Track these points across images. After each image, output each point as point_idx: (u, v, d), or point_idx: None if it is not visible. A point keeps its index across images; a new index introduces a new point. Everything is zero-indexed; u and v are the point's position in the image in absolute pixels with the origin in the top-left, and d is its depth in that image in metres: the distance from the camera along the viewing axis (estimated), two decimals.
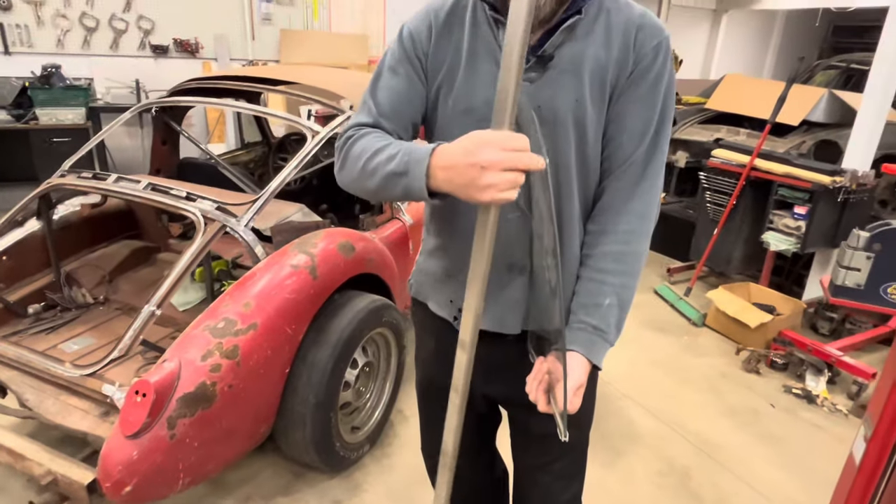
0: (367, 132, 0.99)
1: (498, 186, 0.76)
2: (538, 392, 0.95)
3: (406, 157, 0.87)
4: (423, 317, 1.26)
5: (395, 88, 1.03)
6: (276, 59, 5.34)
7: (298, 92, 2.59)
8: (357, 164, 0.95)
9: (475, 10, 1.00)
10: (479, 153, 0.76)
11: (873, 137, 3.28)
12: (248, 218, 1.94)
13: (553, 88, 0.95)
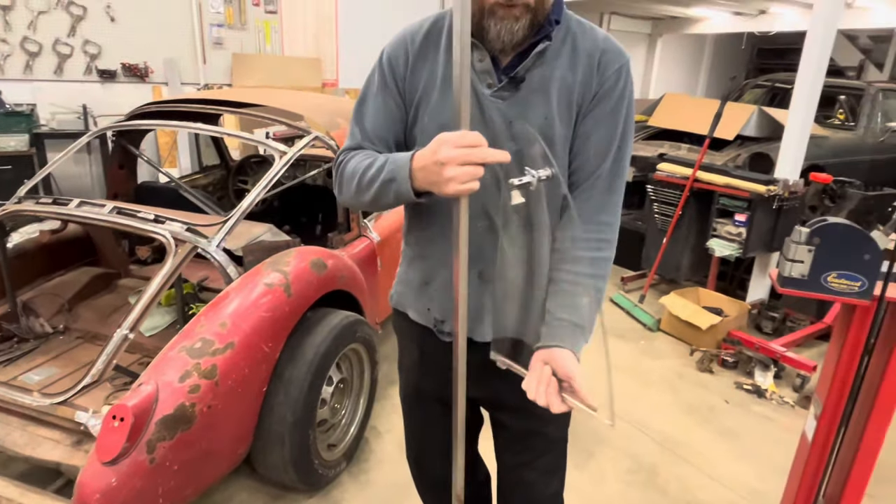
0: (355, 153, 1.09)
1: (458, 179, 0.86)
2: (549, 395, 0.96)
3: (392, 166, 0.98)
4: (404, 326, 1.30)
5: (377, 114, 1.11)
6: (228, 82, 5.31)
7: (261, 114, 2.61)
8: (353, 182, 1.05)
9: (449, 34, 1.08)
10: (439, 151, 0.87)
11: (800, 149, 3.57)
12: (219, 238, 1.94)
13: (523, 106, 1.03)
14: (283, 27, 5.53)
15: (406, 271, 1.26)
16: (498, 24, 0.97)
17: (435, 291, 1.18)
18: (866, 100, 5.19)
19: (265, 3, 5.38)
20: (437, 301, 1.19)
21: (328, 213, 3.49)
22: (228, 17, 5.19)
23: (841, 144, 4.90)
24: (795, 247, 1.25)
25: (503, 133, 1.03)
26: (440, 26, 1.10)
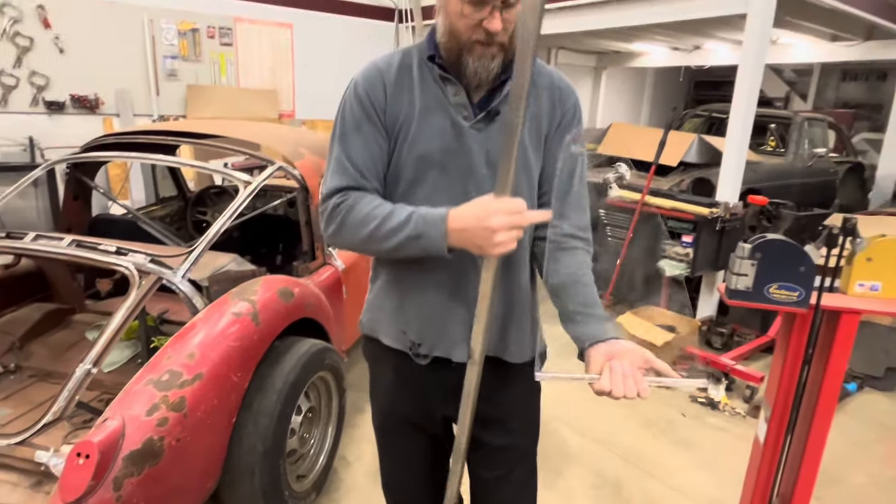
0: (359, 197, 1.10)
1: (506, 243, 0.95)
2: (639, 385, 0.97)
3: (421, 222, 1.03)
4: (377, 352, 1.31)
5: (365, 148, 1.13)
6: (182, 114, 5.26)
7: (220, 144, 2.62)
8: (362, 230, 1.08)
9: (422, 69, 1.14)
10: (489, 219, 0.95)
11: (738, 174, 3.82)
12: (184, 269, 1.92)
13: (499, 138, 1.09)
14: (238, 59, 5.54)
15: (377, 296, 1.28)
16: (475, 61, 1.06)
17: (411, 314, 1.20)
18: (794, 128, 5.61)
19: (220, 36, 5.39)
20: (414, 323, 1.21)
21: (288, 243, 3.49)
22: (183, 49, 5.17)
23: (774, 169, 5.25)
24: (740, 261, 1.36)
25: (480, 160, 1.11)
26: (409, 61, 1.15)
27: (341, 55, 6.20)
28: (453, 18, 1.05)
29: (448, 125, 1.11)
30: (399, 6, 6.52)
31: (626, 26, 4.68)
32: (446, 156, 1.11)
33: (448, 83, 1.11)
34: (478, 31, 1.03)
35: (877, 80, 9.26)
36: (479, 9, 1.01)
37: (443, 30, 1.09)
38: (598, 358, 1.02)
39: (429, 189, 1.13)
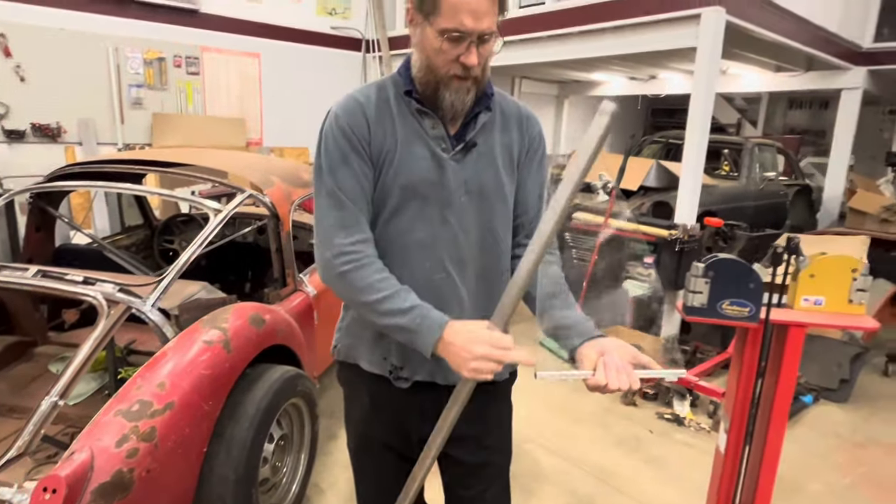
0: (369, 259, 1.13)
1: (481, 370, 1.02)
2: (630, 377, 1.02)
3: (421, 320, 1.08)
4: (354, 377, 1.32)
5: (356, 182, 1.15)
6: (147, 142, 5.21)
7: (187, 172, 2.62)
8: (362, 295, 1.11)
9: (399, 103, 1.18)
10: (474, 345, 1.02)
11: (694, 197, 4.00)
12: (154, 298, 1.92)
13: (476, 167, 1.19)
14: (205, 88, 5.55)
15: (354, 324, 1.29)
16: (452, 94, 1.11)
17: (394, 342, 1.21)
18: (745, 153, 5.90)
19: (187, 65, 5.40)
20: (396, 348, 1.22)
21: (257, 270, 3.47)
22: (148, 77, 5.16)
23: (728, 192, 5.50)
24: (695, 280, 1.45)
25: (459, 190, 1.17)
26: (386, 95, 1.19)
27: (309, 84, 6.27)
28: (430, 54, 1.10)
29: (428, 156, 1.16)
30: (366, 37, 6.65)
31: (586, 57, 4.89)
32: (427, 186, 1.15)
33: (425, 116, 1.17)
34: (455, 65, 1.08)
35: (820, 108, 9.83)
36: (457, 45, 1.06)
37: (419, 65, 1.14)
38: (590, 355, 1.06)
39: (410, 216, 1.17)
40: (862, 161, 8.41)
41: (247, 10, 5.74)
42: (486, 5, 1.05)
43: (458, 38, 1.06)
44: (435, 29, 1.07)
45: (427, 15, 1.08)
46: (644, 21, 4.15)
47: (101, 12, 4.86)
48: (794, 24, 4.54)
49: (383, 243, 1.19)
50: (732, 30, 3.94)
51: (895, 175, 6.75)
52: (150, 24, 5.13)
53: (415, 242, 1.17)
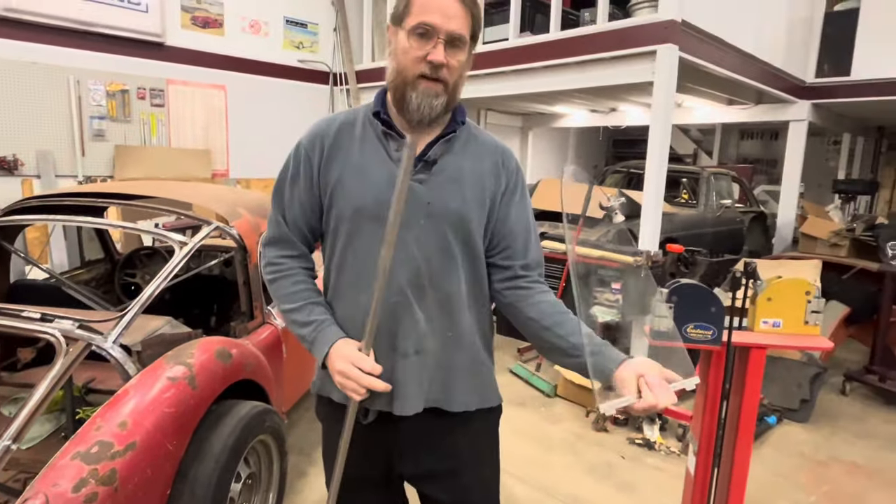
0: (290, 272, 1.27)
1: (345, 387, 1.13)
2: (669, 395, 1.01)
3: (316, 335, 1.19)
4: (328, 411, 1.32)
5: (293, 203, 1.23)
6: (109, 174, 5.10)
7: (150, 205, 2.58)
8: (280, 303, 1.26)
9: (365, 127, 1.21)
10: (338, 363, 1.13)
11: (656, 224, 4.13)
12: (116, 334, 1.86)
13: (441, 191, 1.18)
14: (170, 119, 5.49)
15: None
16: (419, 96, 1.11)
17: None
18: (702, 182, 6.13)
19: (152, 97, 5.35)
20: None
21: (223, 303, 3.40)
22: (111, 109, 5.08)
23: (688, 219, 5.69)
24: (658, 305, 1.49)
25: (420, 212, 1.16)
26: (353, 119, 1.22)
27: (276, 116, 6.28)
28: (400, 56, 1.12)
29: (386, 179, 1.15)
30: (333, 70, 6.73)
31: (549, 91, 5.05)
32: (381, 208, 1.13)
33: (390, 139, 1.18)
34: (422, 64, 1.09)
35: (770, 139, 10.32)
36: (425, 42, 1.08)
37: (389, 70, 1.16)
38: (630, 377, 1.03)
39: (367, 241, 1.17)
40: (811, 189, 8.84)
41: (213, 44, 5.75)
42: (456, 8, 1.09)
43: (425, 34, 1.08)
44: (405, 30, 1.11)
45: (400, 20, 1.12)
46: (604, 57, 4.33)
47: (62, 44, 4.79)
48: (742, 61, 4.80)
49: (341, 268, 1.22)
50: (686, 65, 4.15)
51: (842, 202, 7.12)
52: (115, 57, 5.08)
53: (371, 267, 1.14)
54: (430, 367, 1.21)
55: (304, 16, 6.47)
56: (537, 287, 1.24)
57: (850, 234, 4.81)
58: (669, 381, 1.04)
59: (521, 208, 1.27)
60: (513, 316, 1.26)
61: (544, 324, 1.18)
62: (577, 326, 1.16)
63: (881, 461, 3.14)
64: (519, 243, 1.25)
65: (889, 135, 8.91)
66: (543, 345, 1.21)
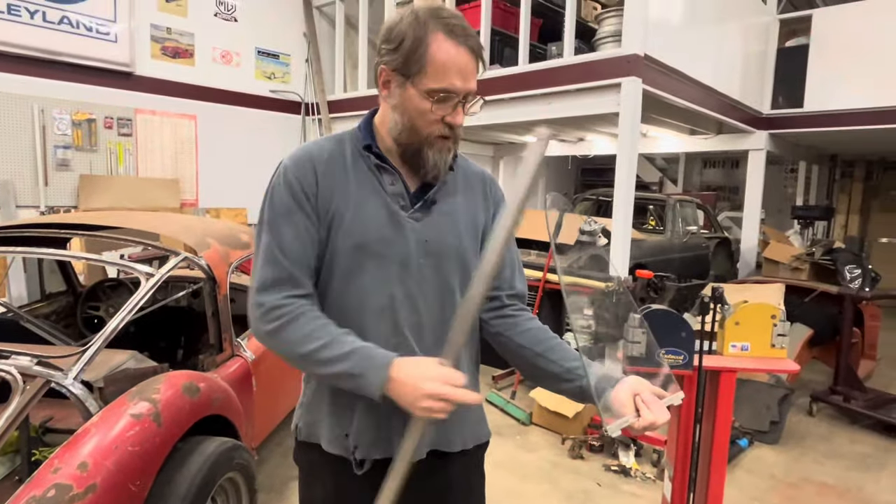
0: (303, 308, 1.06)
1: (432, 409, 0.96)
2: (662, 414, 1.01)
3: (363, 362, 1.01)
4: (314, 459, 1.21)
5: (295, 238, 1.09)
6: (73, 205, 4.98)
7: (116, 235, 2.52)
8: (301, 347, 1.04)
9: (355, 158, 1.13)
10: (427, 383, 0.96)
11: (626, 250, 4.21)
12: (77, 370, 1.79)
13: (437, 228, 1.15)
14: (137, 149, 5.41)
15: (315, 397, 1.20)
16: (436, 154, 1.10)
17: (354, 416, 1.14)
18: (668, 209, 6.30)
19: (119, 126, 5.27)
20: (357, 426, 1.14)
21: (190, 336, 3.32)
22: (77, 138, 4.98)
23: (656, 245, 5.81)
24: (632, 330, 1.51)
25: (418, 250, 1.12)
26: (342, 148, 1.15)
27: (247, 145, 6.25)
28: (414, 115, 1.08)
29: (385, 214, 1.11)
30: (305, 100, 6.76)
31: (518, 121, 5.16)
32: (383, 245, 1.10)
33: (384, 172, 1.13)
34: (439, 126, 1.08)
35: (731, 167, 10.70)
36: (444, 105, 1.06)
37: (400, 127, 1.10)
38: (627, 397, 1.03)
39: (366, 279, 1.11)
40: (771, 214, 9.17)
41: (184, 74, 5.72)
42: (473, 65, 1.07)
43: (446, 98, 1.05)
44: (420, 90, 1.05)
45: (411, 76, 1.06)
46: (571, 89, 4.46)
47: (26, 73, 4.70)
48: (702, 93, 5.00)
49: (337, 308, 1.12)
50: (649, 97, 4.30)
51: (801, 227, 7.38)
52: (82, 86, 5.01)
53: (371, 306, 1.11)
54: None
55: (276, 47, 6.52)
56: (524, 315, 1.22)
57: (809, 258, 4.98)
58: (660, 397, 1.04)
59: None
60: (501, 345, 1.22)
61: (537, 350, 1.16)
62: (568, 351, 1.15)
63: (850, 481, 3.20)
64: (506, 272, 1.23)
65: (841, 163, 9.34)
66: (536, 372, 1.18)
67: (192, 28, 5.75)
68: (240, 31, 6.16)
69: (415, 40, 1.05)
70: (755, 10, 6.00)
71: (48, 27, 4.76)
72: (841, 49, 5.89)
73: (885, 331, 5.28)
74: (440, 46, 1.04)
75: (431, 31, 1.04)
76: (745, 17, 5.84)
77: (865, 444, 3.68)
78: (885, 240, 9.16)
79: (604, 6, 5.69)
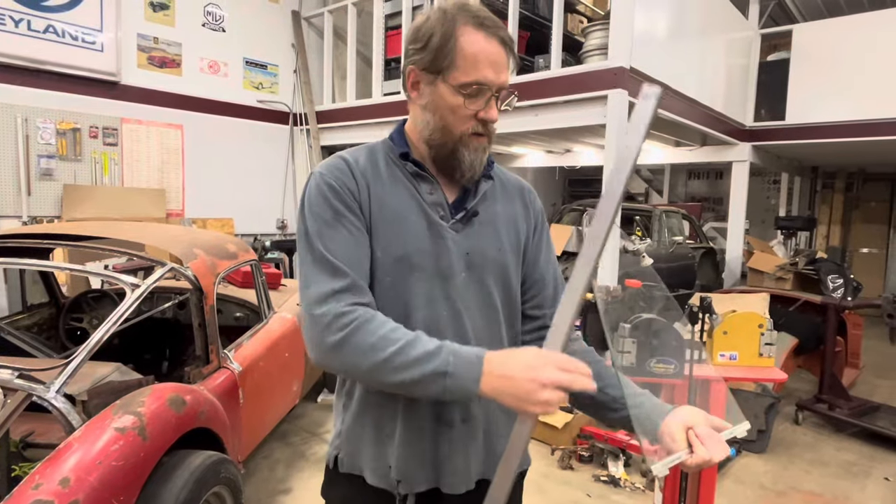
0: (371, 314, 0.95)
1: (550, 402, 0.83)
2: (722, 448, 0.90)
3: (451, 358, 0.89)
4: (351, 495, 1.10)
5: (349, 239, 1.00)
6: (57, 215, 4.91)
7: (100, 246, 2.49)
8: (374, 354, 0.91)
9: (391, 168, 1.07)
10: (541, 371, 0.83)
11: (615, 261, 4.24)
12: (60, 383, 1.75)
13: (478, 238, 1.08)
14: (123, 159, 5.36)
15: (354, 423, 1.09)
16: (471, 154, 1.03)
17: (395, 446, 1.05)
18: (654, 219, 6.36)
19: (104, 136, 5.22)
20: (397, 457, 1.05)
21: (176, 347, 3.27)
22: (61, 148, 4.92)
23: None
24: (622, 340, 1.52)
25: (460, 263, 1.05)
26: (375, 158, 1.08)
27: (235, 155, 6.22)
28: (445, 113, 1.02)
29: (424, 225, 1.04)
30: (293, 110, 6.75)
31: (506, 133, 5.19)
32: (424, 258, 1.03)
33: (422, 181, 1.07)
34: (472, 122, 1.01)
35: (716, 178, 10.85)
36: (477, 100, 1.00)
37: (432, 127, 1.04)
38: (678, 431, 0.93)
39: (409, 295, 1.03)
40: (755, 225, 9.29)
41: (171, 83, 5.69)
42: (504, 57, 1.01)
43: (478, 91, 0.99)
44: (451, 84, 0.99)
45: (441, 71, 1.00)
46: (558, 101, 4.50)
47: (10, 82, 4.65)
48: (687, 105, 5.08)
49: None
50: None
51: (784, 237, 7.49)
52: (67, 95, 4.96)
53: (415, 323, 1.02)
54: (476, 436, 1.07)
55: (264, 57, 6.51)
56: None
57: (793, 267, 5.05)
58: (718, 429, 0.94)
59: (549, 252, 1.19)
60: None
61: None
62: (614, 377, 1.05)
63: (836, 489, 3.22)
64: (549, 290, 1.16)
65: (823, 175, 9.52)
66: (581, 399, 1.06)
67: (180, 38, 5.73)
68: (228, 42, 6.15)
69: (443, 35, 0.99)
70: (737, 25, 6.12)
71: (33, 36, 4.72)
72: (821, 63, 6.02)
73: (867, 339, 5.37)
74: (469, 38, 0.99)
75: (460, 25, 0.99)
76: (728, 32, 5.95)
77: (851, 451, 3.72)
78: (866, 250, 9.33)
79: (590, 20, 5.78)
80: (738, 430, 0.94)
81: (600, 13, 5.85)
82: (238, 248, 2.89)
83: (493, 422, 1.09)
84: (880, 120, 5.64)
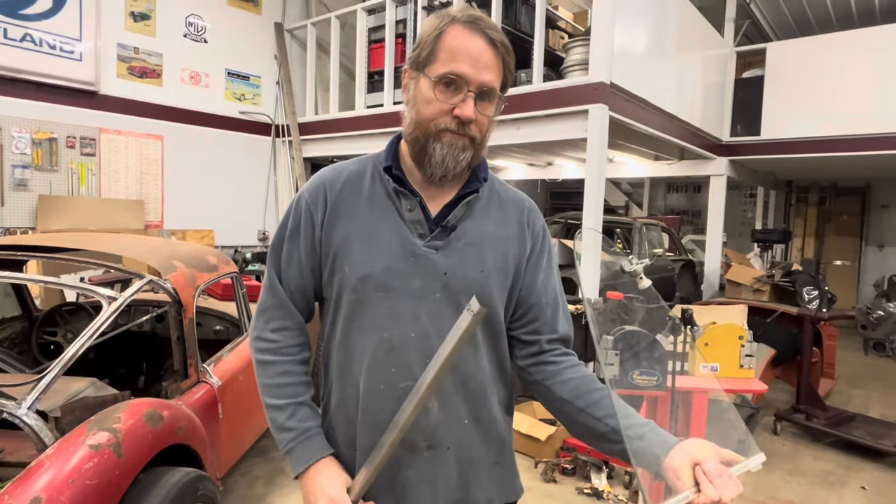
0: (276, 356, 1.07)
1: None
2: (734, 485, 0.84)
3: (293, 445, 1.03)
4: None
5: (291, 263, 1.07)
6: (31, 226, 4.80)
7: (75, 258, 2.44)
8: (263, 390, 1.07)
9: (374, 181, 1.06)
10: (317, 498, 0.98)
11: (596, 273, 4.27)
12: (32, 399, 1.70)
13: (460, 259, 1.02)
14: (101, 169, 5.27)
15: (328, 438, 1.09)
16: (444, 148, 0.98)
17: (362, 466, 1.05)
18: (634, 231, 6.44)
19: (82, 146, 5.13)
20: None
21: (153, 362, 3.20)
22: (36, 158, 4.83)
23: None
24: (606, 352, 1.53)
25: (435, 283, 1.01)
26: (362, 171, 1.08)
27: (216, 166, 6.16)
28: (422, 106, 0.99)
29: (397, 243, 1.01)
30: (275, 122, 6.72)
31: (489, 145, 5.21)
32: (393, 277, 1.01)
33: (403, 197, 1.03)
34: (447, 118, 0.97)
35: (694, 192, 11.04)
36: (453, 94, 0.96)
37: (408, 121, 1.03)
38: (683, 467, 0.87)
39: (375, 313, 1.02)
40: (733, 238, 9.46)
41: (151, 94, 5.63)
42: (489, 57, 0.97)
43: (453, 83, 0.96)
44: (429, 77, 0.98)
45: (423, 66, 0.99)
46: (539, 115, 4.55)
47: None
48: (665, 120, 5.17)
49: (343, 345, 1.05)
50: (615, 124, 4.42)
51: (761, 250, 7.64)
52: (43, 104, 4.87)
53: (379, 344, 1.01)
54: (446, 463, 1.04)
55: (246, 69, 6.49)
56: (566, 360, 1.08)
57: (770, 279, 5.14)
58: (729, 463, 0.87)
59: (549, 274, 1.12)
60: (542, 396, 1.10)
61: (578, 405, 1.02)
62: (612, 406, 1.00)
63: (815, 498, 3.26)
64: (547, 314, 1.10)
65: (797, 188, 9.75)
66: (581, 430, 1.04)
67: (161, 48, 5.69)
68: (210, 53, 6.12)
69: (433, 33, 0.99)
70: (713, 43, 6.27)
71: (10, 44, 4.64)
72: (794, 80, 6.19)
73: (841, 350, 5.47)
74: (453, 33, 0.97)
75: (450, 25, 0.98)
76: (704, 49, 6.09)
77: (828, 461, 3.77)
78: (839, 262, 9.55)
79: (571, 36, 5.87)
80: (752, 464, 0.86)
81: (581, 29, 5.95)
82: (218, 260, 2.85)
83: (467, 451, 1.06)
84: (851, 136, 5.81)
